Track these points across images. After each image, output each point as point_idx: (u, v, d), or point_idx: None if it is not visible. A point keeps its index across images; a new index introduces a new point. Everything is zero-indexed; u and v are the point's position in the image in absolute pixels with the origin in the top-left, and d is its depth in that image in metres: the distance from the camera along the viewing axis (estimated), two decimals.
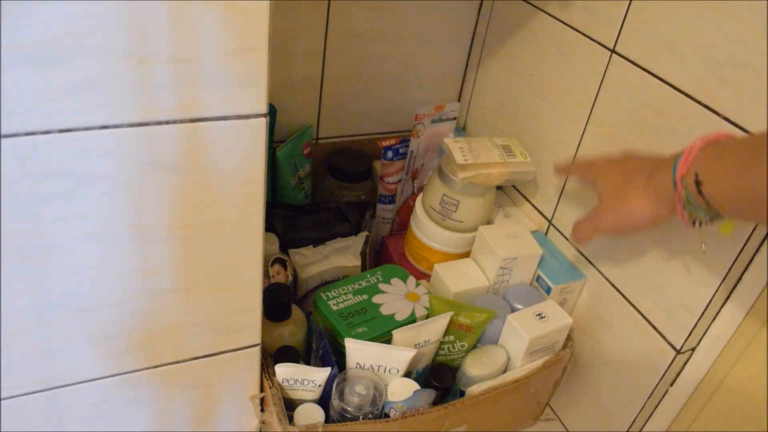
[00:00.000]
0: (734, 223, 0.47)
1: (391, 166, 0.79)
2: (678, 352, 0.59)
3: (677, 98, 0.56)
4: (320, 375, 0.59)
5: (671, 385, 0.62)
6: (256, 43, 0.39)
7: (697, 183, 0.41)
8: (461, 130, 0.92)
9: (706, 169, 0.41)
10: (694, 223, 0.45)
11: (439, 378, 0.63)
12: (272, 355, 0.61)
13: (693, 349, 0.60)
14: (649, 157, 0.52)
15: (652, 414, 0.65)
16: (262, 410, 0.61)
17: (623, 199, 0.50)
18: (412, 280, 0.69)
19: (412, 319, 0.65)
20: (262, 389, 0.60)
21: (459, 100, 0.92)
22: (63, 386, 0.51)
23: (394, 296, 0.67)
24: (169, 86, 0.39)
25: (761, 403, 0.56)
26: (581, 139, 0.68)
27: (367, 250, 0.76)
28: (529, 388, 0.67)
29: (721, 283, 0.54)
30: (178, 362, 0.54)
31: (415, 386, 0.60)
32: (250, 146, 0.44)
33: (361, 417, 0.58)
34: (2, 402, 0.49)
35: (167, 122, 0.40)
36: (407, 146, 0.78)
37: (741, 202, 0.39)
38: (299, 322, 0.65)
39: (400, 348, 0.60)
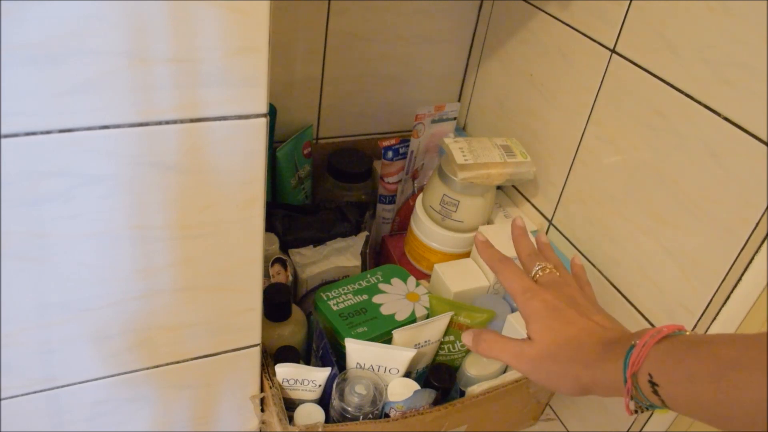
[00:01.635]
0: None
1: (391, 166, 0.79)
2: None
3: (677, 98, 0.56)
4: (320, 375, 0.59)
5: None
6: (256, 43, 0.39)
7: (652, 383, 0.38)
8: (461, 130, 0.92)
9: (661, 372, 0.38)
10: (636, 411, 0.42)
11: (439, 378, 0.63)
12: (272, 355, 0.61)
13: None
14: (599, 319, 0.46)
15: (652, 414, 0.65)
16: (262, 410, 0.61)
17: (561, 365, 0.45)
18: (412, 280, 0.70)
19: (412, 319, 0.65)
20: (262, 389, 0.60)
21: (459, 100, 0.92)
22: (63, 386, 0.51)
23: (394, 296, 0.67)
24: (170, 86, 0.39)
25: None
26: (581, 139, 0.68)
27: (367, 250, 0.76)
28: (529, 388, 0.67)
29: (721, 283, 0.54)
30: (178, 362, 0.54)
31: (415, 386, 0.60)
32: (250, 146, 0.44)
33: (361, 417, 0.58)
34: (2, 402, 0.49)
35: (167, 122, 0.40)
36: (407, 146, 0.78)
37: (709, 414, 0.36)
38: (299, 322, 0.65)
39: (400, 348, 0.60)
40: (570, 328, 0.46)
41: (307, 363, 0.63)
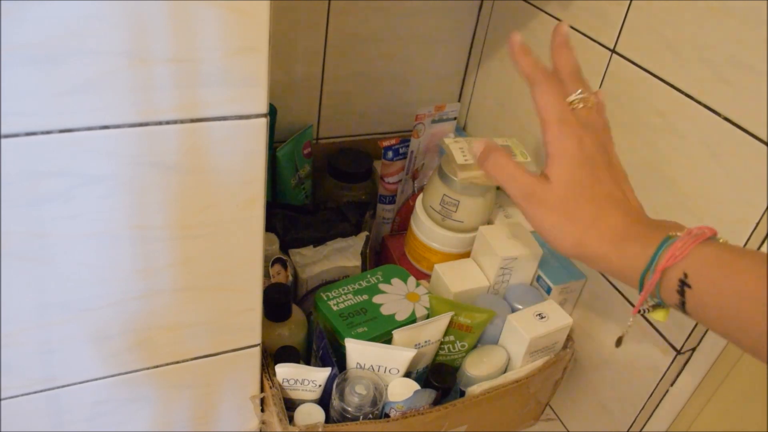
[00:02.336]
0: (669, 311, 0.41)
1: (391, 166, 0.79)
2: (678, 352, 0.59)
3: (677, 98, 0.56)
4: (320, 375, 0.59)
5: (671, 385, 0.62)
6: (256, 43, 0.39)
7: (683, 283, 0.36)
8: (461, 130, 0.92)
9: (702, 276, 0.35)
10: (641, 311, 0.39)
11: (439, 378, 0.63)
12: (272, 355, 0.61)
13: (693, 349, 0.60)
14: (625, 189, 0.42)
15: (652, 414, 0.65)
16: (262, 410, 0.61)
17: (584, 223, 0.40)
18: (412, 280, 0.69)
19: (412, 319, 0.65)
20: (262, 389, 0.60)
21: (459, 100, 0.92)
22: (63, 386, 0.51)
23: (394, 296, 0.67)
24: (170, 86, 0.39)
25: (761, 403, 0.56)
26: None
27: (368, 250, 0.76)
28: (529, 388, 0.67)
29: None
30: (178, 362, 0.54)
31: (416, 386, 0.60)
32: (250, 146, 0.44)
33: (361, 417, 0.58)
34: (2, 402, 0.49)
35: (167, 122, 0.40)
36: (407, 146, 0.78)
37: (740, 325, 0.33)
38: (299, 322, 0.65)
39: (401, 348, 0.60)
40: (598, 187, 0.40)
41: (307, 363, 0.63)
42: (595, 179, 0.41)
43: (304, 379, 0.58)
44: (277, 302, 0.62)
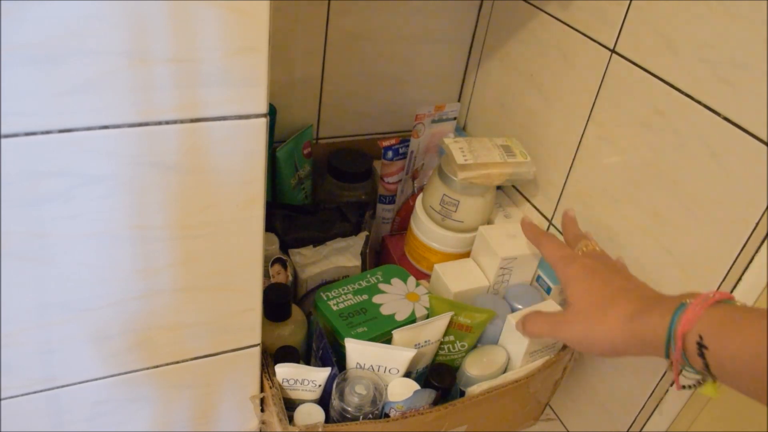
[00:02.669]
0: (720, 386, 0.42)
1: (391, 166, 0.79)
2: None
3: (677, 98, 0.56)
4: (320, 375, 0.59)
5: (671, 385, 0.62)
6: (256, 43, 0.39)
7: (700, 345, 0.38)
8: (461, 130, 0.92)
9: (715, 335, 0.37)
10: (686, 386, 0.41)
11: (439, 378, 0.63)
12: (272, 355, 0.61)
13: None
14: (637, 283, 0.48)
15: (652, 414, 0.65)
16: (262, 410, 0.61)
17: (599, 320, 0.45)
18: (412, 280, 0.69)
19: (412, 319, 0.65)
20: (262, 389, 0.60)
21: (459, 100, 0.92)
22: (63, 386, 0.51)
23: (394, 296, 0.67)
24: (169, 86, 0.39)
25: (761, 403, 0.56)
26: (581, 139, 0.68)
27: (367, 250, 0.76)
28: (529, 388, 0.67)
29: (721, 283, 0.54)
30: (178, 362, 0.54)
31: (415, 386, 0.60)
32: (250, 146, 0.44)
33: (361, 417, 0.58)
34: (2, 402, 0.49)
35: (167, 122, 0.40)
36: (407, 146, 0.78)
37: (757, 385, 0.35)
38: (299, 322, 0.65)
39: (400, 348, 0.60)
40: (608, 287, 0.46)
41: (307, 363, 0.63)
42: (605, 282, 0.46)
43: (304, 379, 0.58)
44: (277, 302, 0.62)
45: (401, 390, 0.60)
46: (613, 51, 0.63)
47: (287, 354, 0.61)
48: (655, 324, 0.41)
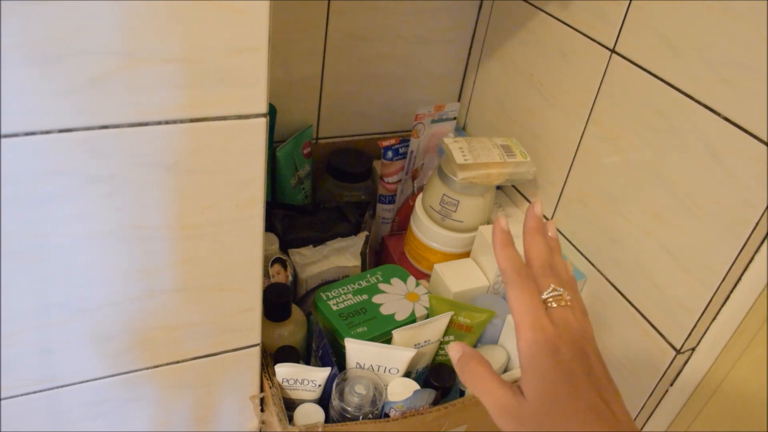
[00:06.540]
0: None
1: (391, 166, 0.79)
2: (678, 352, 0.59)
3: (677, 98, 0.56)
4: (320, 375, 0.59)
5: (671, 385, 0.62)
6: (256, 43, 0.39)
7: None
8: (461, 130, 0.92)
9: None
10: None
11: (439, 378, 0.63)
12: (272, 355, 0.61)
13: (693, 349, 0.60)
14: (610, 396, 0.38)
15: (652, 414, 0.65)
16: (262, 410, 0.61)
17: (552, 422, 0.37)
18: (412, 280, 0.70)
19: (412, 319, 0.65)
20: (262, 389, 0.60)
21: (459, 100, 0.92)
22: (63, 386, 0.51)
23: (394, 296, 0.67)
24: (169, 86, 0.39)
25: (761, 403, 0.56)
26: (581, 139, 0.68)
27: (367, 250, 0.76)
28: None
29: (721, 283, 0.54)
30: (178, 362, 0.54)
31: (415, 386, 0.60)
32: (250, 146, 0.44)
33: (361, 417, 0.58)
34: (2, 402, 0.49)
35: (167, 122, 0.40)
36: (407, 146, 0.78)
37: None
38: (299, 322, 0.65)
39: (400, 348, 0.60)
40: (576, 402, 0.37)
41: (307, 363, 0.63)
42: (574, 393, 0.37)
43: (304, 378, 0.58)
44: (277, 302, 0.62)
45: (401, 390, 0.60)
46: (613, 51, 0.63)
47: (287, 354, 0.61)
48: None
